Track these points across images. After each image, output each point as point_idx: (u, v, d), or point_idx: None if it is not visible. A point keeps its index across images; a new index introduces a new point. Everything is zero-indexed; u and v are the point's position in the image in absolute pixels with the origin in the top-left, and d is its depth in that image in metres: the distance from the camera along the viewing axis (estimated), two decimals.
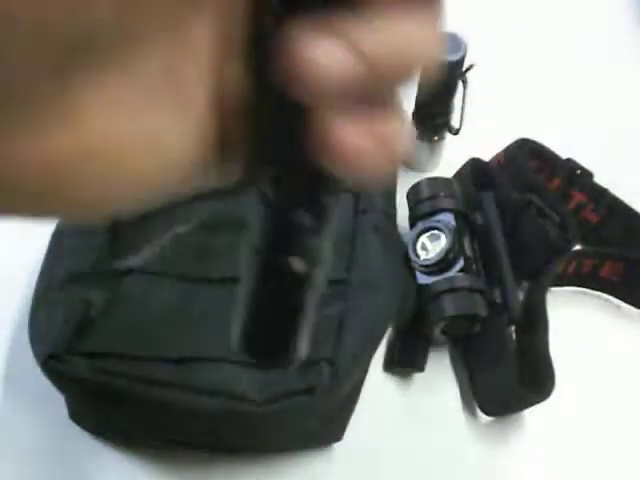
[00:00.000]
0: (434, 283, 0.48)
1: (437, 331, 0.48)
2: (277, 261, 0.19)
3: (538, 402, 0.45)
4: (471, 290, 0.47)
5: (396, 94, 0.17)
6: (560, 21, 0.73)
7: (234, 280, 0.49)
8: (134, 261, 0.45)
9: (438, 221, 0.49)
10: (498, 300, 0.48)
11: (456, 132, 0.56)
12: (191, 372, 0.40)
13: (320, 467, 0.45)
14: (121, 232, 0.47)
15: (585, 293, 0.54)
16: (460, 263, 0.48)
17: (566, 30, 0.72)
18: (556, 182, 0.55)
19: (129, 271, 0.45)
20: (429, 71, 0.16)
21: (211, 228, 0.48)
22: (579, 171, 0.55)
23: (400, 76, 0.16)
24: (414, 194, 0.52)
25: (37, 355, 0.41)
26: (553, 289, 0.52)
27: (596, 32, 0.72)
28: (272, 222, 0.19)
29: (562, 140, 0.56)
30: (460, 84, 0.53)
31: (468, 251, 0.49)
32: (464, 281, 0.47)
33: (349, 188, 0.50)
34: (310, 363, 0.41)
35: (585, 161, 0.55)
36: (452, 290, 0.47)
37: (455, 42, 0.51)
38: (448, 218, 0.50)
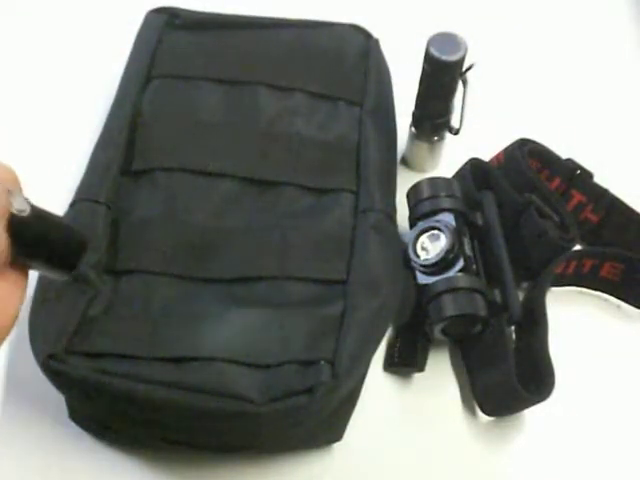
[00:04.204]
0: (434, 283, 0.48)
1: (437, 331, 0.48)
2: None
3: (538, 402, 0.45)
4: (471, 290, 0.47)
5: None
6: (560, 21, 0.73)
7: (234, 280, 0.50)
8: None
9: (438, 221, 0.49)
10: (498, 300, 0.48)
11: (456, 132, 0.56)
12: (191, 372, 0.40)
13: (320, 467, 0.45)
14: (121, 233, 0.47)
15: (585, 293, 0.54)
16: (460, 263, 0.48)
17: (566, 30, 0.72)
18: (556, 182, 0.55)
19: (129, 271, 0.45)
20: None
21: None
22: (579, 171, 0.55)
23: None
24: (414, 194, 0.52)
25: (37, 355, 0.41)
26: (553, 289, 0.52)
27: (596, 32, 0.72)
28: None
29: (562, 140, 0.56)
30: (460, 84, 0.53)
31: (468, 251, 0.49)
32: (464, 281, 0.47)
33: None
34: (310, 363, 0.41)
35: (585, 161, 0.55)
36: (452, 290, 0.47)
37: (455, 42, 0.51)
38: (448, 218, 0.50)
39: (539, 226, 0.50)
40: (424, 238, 0.50)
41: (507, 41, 0.70)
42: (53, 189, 0.51)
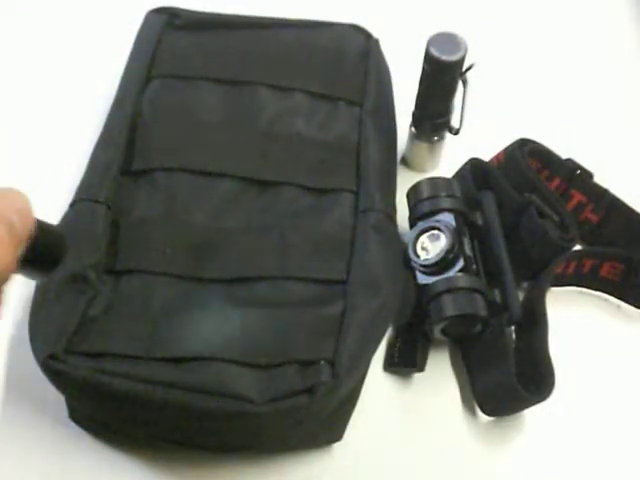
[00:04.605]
0: (434, 283, 0.48)
1: (437, 331, 0.48)
2: None
3: (538, 402, 0.45)
4: (471, 290, 0.47)
5: None
6: (560, 21, 0.73)
7: (234, 280, 0.50)
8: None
9: (438, 221, 0.49)
10: (498, 300, 0.48)
11: (456, 132, 0.56)
12: (191, 372, 0.40)
13: (320, 467, 0.45)
14: (121, 233, 0.47)
15: (585, 293, 0.54)
16: (460, 263, 0.48)
17: (566, 30, 0.72)
18: (556, 182, 0.55)
19: (129, 271, 0.45)
20: None
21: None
22: (579, 171, 0.55)
23: None
24: (414, 194, 0.52)
25: (37, 355, 0.41)
26: (553, 289, 0.52)
27: (596, 32, 0.72)
28: None
29: (562, 140, 0.56)
30: (460, 84, 0.53)
31: (468, 251, 0.49)
32: (464, 281, 0.47)
33: None
34: (310, 363, 0.41)
35: (585, 161, 0.55)
36: (452, 290, 0.47)
37: (455, 42, 0.51)
38: (448, 218, 0.50)
39: (539, 226, 0.50)
40: (424, 238, 0.50)
41: (507, 41, 0.70)
42: (53, 189, 0.51)
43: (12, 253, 0.28)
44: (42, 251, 0.30)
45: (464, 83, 0.53)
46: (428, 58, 0.51)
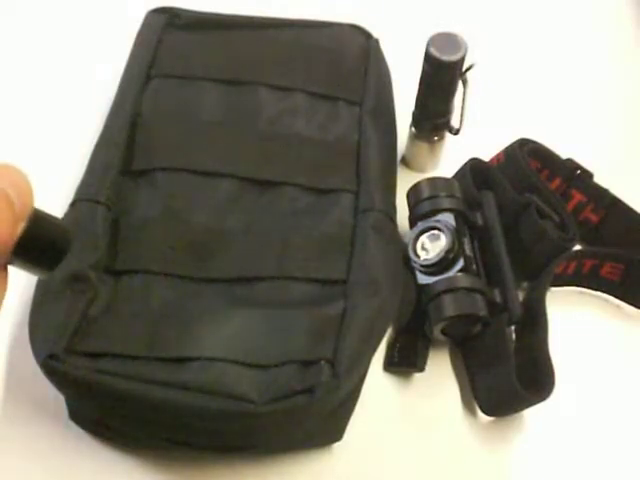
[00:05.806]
0: (434, 283, 0.48)
1: (437, 331, 0.48)
2: None
3: (538, 402, 0.45)
4: (471, 290, 0.47)
5: None
6: (560, 21, 0.73)
7: (234, 280, 0.50)
8: None
9: (438, 221, 0.49)
10: (498, 300, 0.48)
11: (456, 132, 0.56)
12: (191, 372, 0.40)
13: (320, 467, 0.45)
14: (121, 233, 0.47)
15: (585, 293, 0.54)
16: (460, 263, 0.48)
17: (566, 30, 0.72)
18: (556, 182, 0.55)
19: (129, 271, 0.45)
20: None
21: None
22: (579, 171, 0.55)
23: None
24: (414, 194, 0.52)
25: (37, 355, 0.41)
26: (553, 289, 0.52)
27: (596, 32, 0.72)
28: None
29: (562, 140, 0.56)
30: (460, 84, 0.53)
31: (468, 251, 0.49)
32: (464, 281, 0.47)
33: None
34: (310, 363, 0.41)
35: (585, 161, 0.55)
36: (452, 290, 0.47)
37: (455, 42, 0.51)
38: (448, 218, 0.50)
39: (539, 226, 0.50)
40: (424, 238, 0.50)
41: (507, 41, 0.70)
42: (53, 189, 0.51)
43: (10, 223, 0.26)
44: (42, 238, 0.28)
45: (464, 83, 0.53)
46: (428, 58, 0.51)
